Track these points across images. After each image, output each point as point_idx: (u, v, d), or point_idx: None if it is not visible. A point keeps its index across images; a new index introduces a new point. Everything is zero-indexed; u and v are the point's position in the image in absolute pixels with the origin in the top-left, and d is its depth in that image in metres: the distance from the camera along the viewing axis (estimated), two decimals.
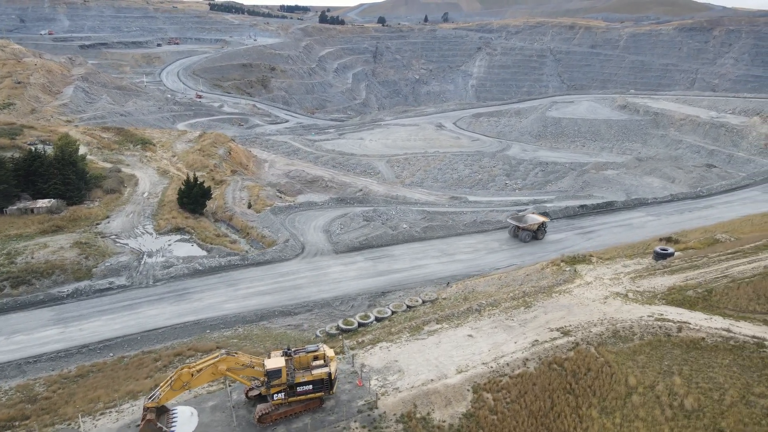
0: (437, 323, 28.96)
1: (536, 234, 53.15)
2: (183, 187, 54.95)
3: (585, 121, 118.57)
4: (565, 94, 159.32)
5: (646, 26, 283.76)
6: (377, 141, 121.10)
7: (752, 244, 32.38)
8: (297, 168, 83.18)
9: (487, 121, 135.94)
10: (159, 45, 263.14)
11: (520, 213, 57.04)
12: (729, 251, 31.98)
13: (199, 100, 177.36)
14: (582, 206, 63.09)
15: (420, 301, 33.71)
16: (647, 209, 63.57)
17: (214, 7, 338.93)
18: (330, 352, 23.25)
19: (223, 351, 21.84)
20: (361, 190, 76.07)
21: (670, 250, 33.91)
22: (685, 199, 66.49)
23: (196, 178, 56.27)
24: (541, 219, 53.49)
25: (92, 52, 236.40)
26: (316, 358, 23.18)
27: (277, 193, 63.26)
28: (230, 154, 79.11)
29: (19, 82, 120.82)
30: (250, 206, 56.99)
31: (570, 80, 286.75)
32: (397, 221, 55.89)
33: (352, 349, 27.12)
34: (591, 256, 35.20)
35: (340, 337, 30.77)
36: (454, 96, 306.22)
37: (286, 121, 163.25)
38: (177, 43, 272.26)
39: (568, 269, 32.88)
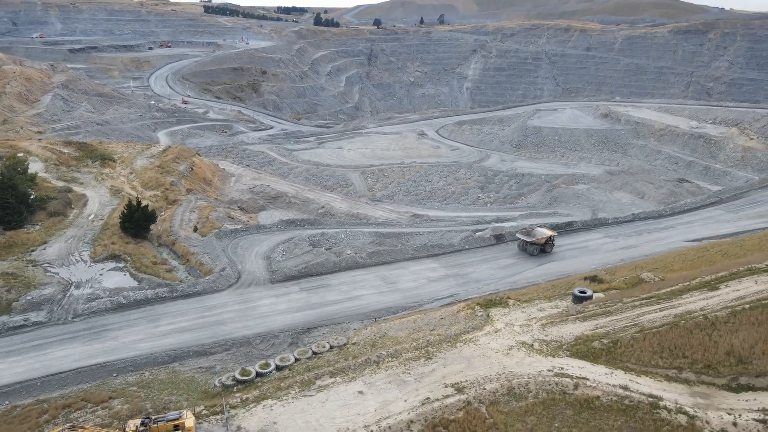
0: (330, 377, 27.72)
1: (544, 247, 54.62)
2: (125, 210, 53.82)
3: (565, 131, 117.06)
4: (549, 101, 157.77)
5: (641, 29, 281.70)
6: (356, 150, 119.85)
7: (668, 289, 30.99)
8: (261, 183, 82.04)
9: (469, 129, 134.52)
10: (150, 48, 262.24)
11: (528, 227, 58.64)
12: (644, 296, 30.62)
13: (184, 105, 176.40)
14: (540, 227, 61.65)
15: (327, 346, 32.48)
16: (606, 230, 62.13)
17: (208, 9, 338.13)
18: (190, 422, 22.03)
19: (67, 425, 20.65)
20: (323, 207, 74.88)
21: (589, 292, 32.61)
22: (647, 218, 64.99)
23: (139, 202, 55.16)
24: (549, 233, 55.02)
25: (81, 56, 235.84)
26: (176, 427, 21.98)
27: (229, 214, 62.03)
28: (192, 170, 77.97)
29: None
30: (195, 230, 55.82)
31: (565, 83, 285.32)
32: (344, 246, 54.69)
33: (233, 408, 25.90)
34: (509, 298, 33.89)
35: (235, 389, 29.57)
36: (449, 98, 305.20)
37: (271, 127, 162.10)
38: (169, 47, 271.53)
39: (480, 314, 31.59)
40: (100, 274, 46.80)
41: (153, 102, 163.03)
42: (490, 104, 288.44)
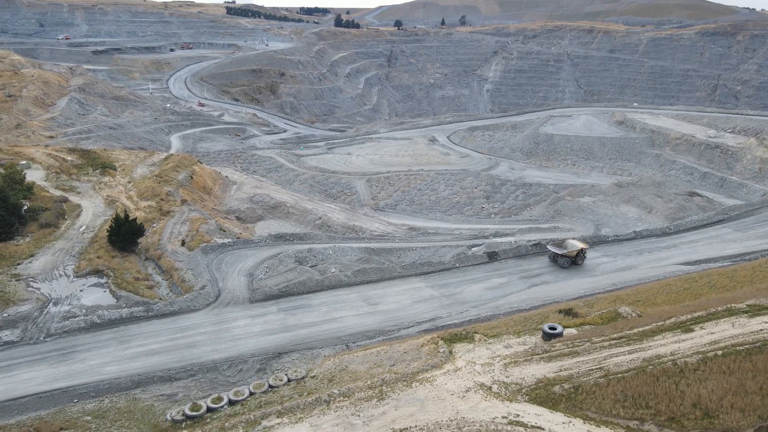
0: (278, 417, 26.76)
1: (575, 260, 54.14)
2: (113, 224, 53.68)
3: (578, 139, 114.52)
4: (564, 107, 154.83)
5: (667, 30, 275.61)
6: (364, 157, 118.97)
7: (641, 329, 29.30)
8: (262, 192, 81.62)
9: (481, 136, 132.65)
10: (172, 50, 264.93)
11: (560, 239, 58.45)
12: (615, 335, 29.01)
13: (200, 108, 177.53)
14: (535, 245, 59.99)
15: (285, 379, 31.52)
16: (605, 248, 60.12)
17: (231, 11, 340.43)
18: None
19: None
20: (320, 218, 74.10)
21: (559, 329, 31.06)
22: (650, 236, 62.74)
23: (127, 215, 55.00)
24: (581, 245, 54.46)
25: (104, 57, 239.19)
26: None
27: (221, 227, 61.54)
28: (192, 178, 77.86)
29: (9, 96, 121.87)
30: (183, 243, 55.43)
31: (587, 85, 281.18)
32: (330, 262, 53.79)
33: None
34: (475, 332, 32.52)
35: (183, 425, 28.83)
36: (469, 100, 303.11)
37: (284, 131, 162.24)
38: (190, 48, 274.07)
39: (443, 350, 30.34)
40: (81, 291, 46.63)
41: (168, 105, 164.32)
42: (511, 106, 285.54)
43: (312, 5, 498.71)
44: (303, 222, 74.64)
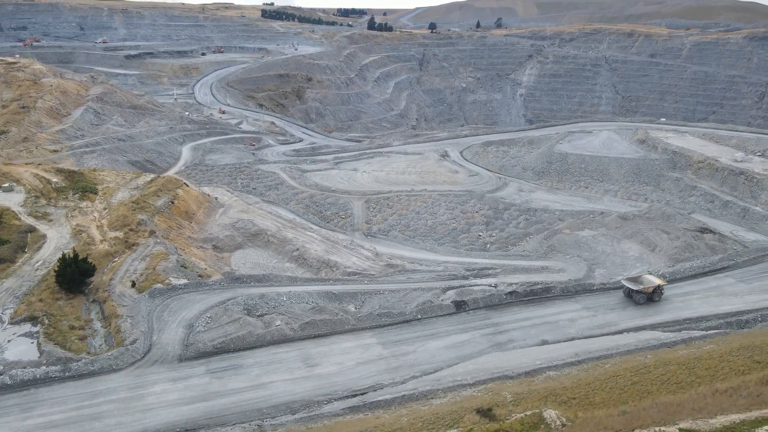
0: None
1: (651, 296, 52.57)
2: (58, 265, 51.75)
3: (594, 159, 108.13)
4: (588, 121, 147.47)
5: (712, 34, 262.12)
6: (370, 173, 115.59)
7: None
8: (246, 218, 79.06)
9: (495, 151, 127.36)
10: (203, 54, 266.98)
11: (635, 274, 56.66)
12: None
13: (221, 115, 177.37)
14: (511, 293, 55.36)
15: None
16: (588, 299, 54.98)
17: (266, 13, 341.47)
18: None
19: None
20: (297, 249, 70.94)
21: None
22: None
23: (75, 255, 53.00)
24: (658, 282, 52.83)
25: (136, 62, 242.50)
26: None
27: (184, 263, 58.98)
28: (173, 203, 75.89)
29: (23, 107, 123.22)
30: (134, 285, 53.06)
31: (625, 91, 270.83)
32: (282, 312, 50.47)
33: None
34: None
35: None
36: (502, 105, 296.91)
37: (300, 140, 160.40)
38: (222, 52, 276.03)
39: None
40: (9, 341, 44.67)
41: (187, 113, 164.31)
42: (544, 112, 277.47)
43: (351, 6, 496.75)
44: (281, 253, 71.70)
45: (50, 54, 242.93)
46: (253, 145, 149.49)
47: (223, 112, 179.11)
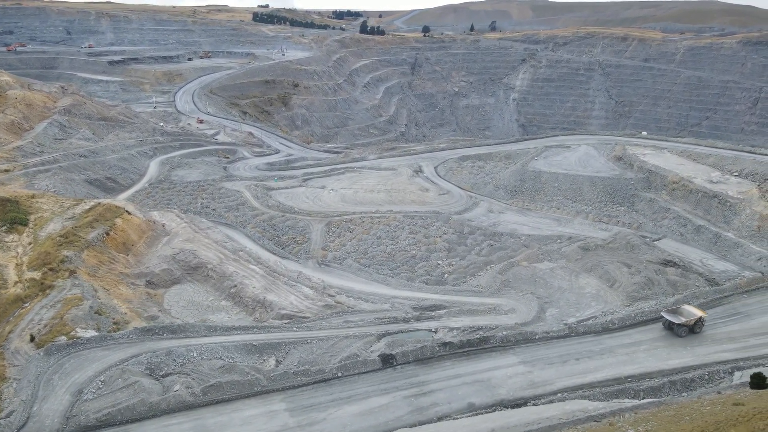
0: None
1: (693, 328, 51.32)
2: None
3: (567, 177, 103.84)
4: (569, 134, 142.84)
5: (706, 38, 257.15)
6: (338, 191, 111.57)
7: None
8: (188, 248, 75.19)
9: (470, 167, 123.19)
10: (190, 59, 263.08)
11: (675, 305, 54.82)
12: None
13: (198, 126, 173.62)
14: (445, 344, 51.32)
15: None
16: (528, 351, 50.86)
17: (256, 17, 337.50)
18: None
19: None
20: (235, 286, 67.02)
21: None
22: (587, 334, 53.08)
23: None
24: (699, 314, 51.62)
25: (119, 68, 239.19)
26: None
27: (98, 309, 55.16)
28: (109, 234, 72.09)
29: None
30: (32, 339, 49.22)
31: (618, 96, 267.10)
32: (187, 372, 46.48)
33: None
34: None
35: None
36: (494, 110, 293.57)
37: (277, 152, 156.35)
38: (209, 57, 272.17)
39: None
40: None
41: (162, 124, 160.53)
42: (537, 116, 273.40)
43: (347, 8, 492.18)
44: (219, 289, 67.89)
45: (33, 59, 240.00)
46: (227, 157, 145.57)
47: (201, 122, 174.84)
